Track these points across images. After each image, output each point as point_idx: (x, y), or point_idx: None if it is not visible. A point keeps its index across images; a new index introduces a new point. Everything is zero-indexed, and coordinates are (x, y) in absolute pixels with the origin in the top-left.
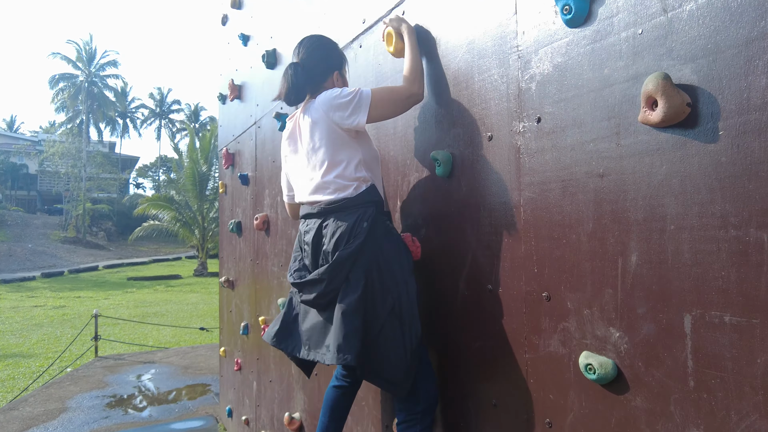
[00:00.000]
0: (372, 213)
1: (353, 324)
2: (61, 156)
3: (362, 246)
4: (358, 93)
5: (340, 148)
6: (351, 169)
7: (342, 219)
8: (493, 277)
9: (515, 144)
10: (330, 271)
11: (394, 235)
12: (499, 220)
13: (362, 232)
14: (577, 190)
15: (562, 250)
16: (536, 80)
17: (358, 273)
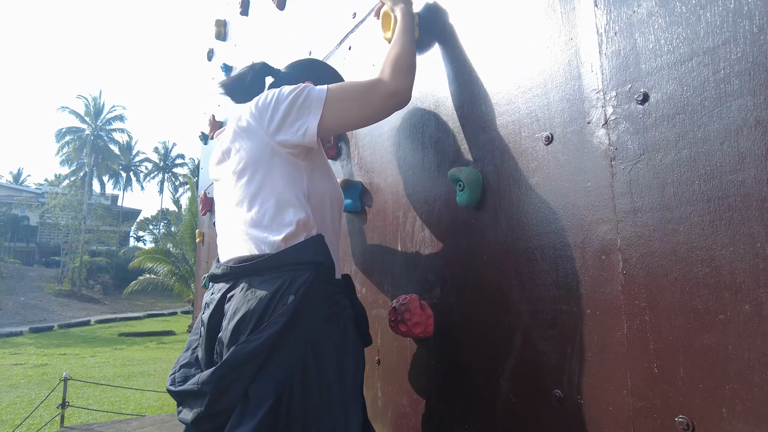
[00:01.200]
0: (306, 281)
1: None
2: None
3: (278, 338)
4: (304, 90)
5: (268, 177)
6: (281, 210)
7: (255, 288)
8: (566, 377)
9: (599, 143)
10: (216, 380)
11: (342, 321)
12: (572, 277)
13: (284, 314)
14: (744, 218)
15: (717, 335)
16: (637, 32)
17: (264, 386)
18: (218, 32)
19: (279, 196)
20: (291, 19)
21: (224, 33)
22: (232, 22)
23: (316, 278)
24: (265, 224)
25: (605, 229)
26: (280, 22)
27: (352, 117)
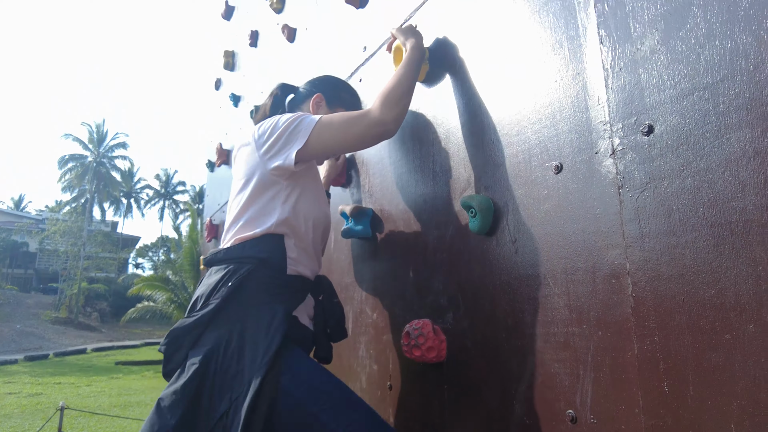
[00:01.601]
0: (244, 273)
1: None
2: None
3: (212, 317)
4: (297, 118)
5: (254, 191)
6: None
7: (210, 275)
8: (579, 397)
9: (607, 173)
10: (168, 343)
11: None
12: (585, 300)
13: (218, 297)
14: (746, 243)
15: (725, 355)
16: (641, 63)
17: (197, 352)
18: (226, 63)
19: (257, 208)
20: (301, 51)
21: (232, 63)
22: (241, 53)
23: (256, 271)
24: (238, 227)
25: (614, 254)
26: (289, 54)
27: (338, 144)
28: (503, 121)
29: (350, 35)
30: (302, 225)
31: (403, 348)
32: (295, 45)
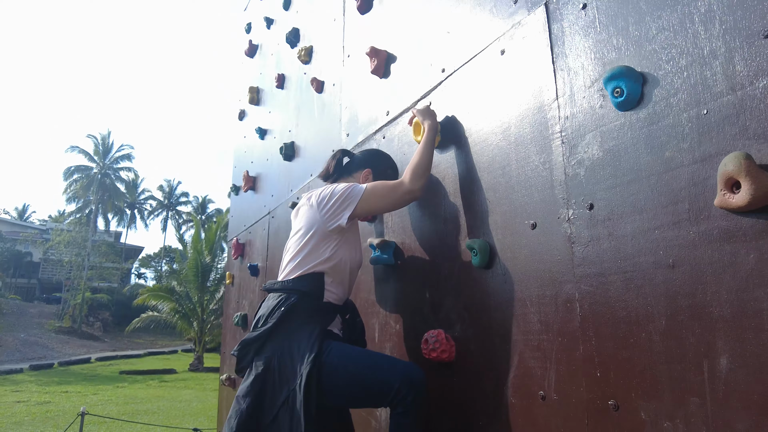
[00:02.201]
0: (293, 301)
1: (238, 407)
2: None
3: (271, 332)
4: (350, 188)
5: (312, 240)
6: (308, 260)
7: (270, 300)
8: (546, 382)
9: (565, 232)
10: (239, 350)
11: (309, 328)
12: (550, 317)
13: (274, 318)
14: (644, 282)
15: (630, 351)
16: (585, 165)
17: (261, 359)
18: (251, 98)
19: (308, 251)
20: (328, 103)
21: (257, 99)
22: (266, 91)
23: (300, 300)
24: (294, 265)
25: (569, 287)
26: (317, 103)
27: (379, 207)
28: (497, 186)
29: (375, 99)
30: (340, 266)
31: (422, 351)
32: (323, 96)
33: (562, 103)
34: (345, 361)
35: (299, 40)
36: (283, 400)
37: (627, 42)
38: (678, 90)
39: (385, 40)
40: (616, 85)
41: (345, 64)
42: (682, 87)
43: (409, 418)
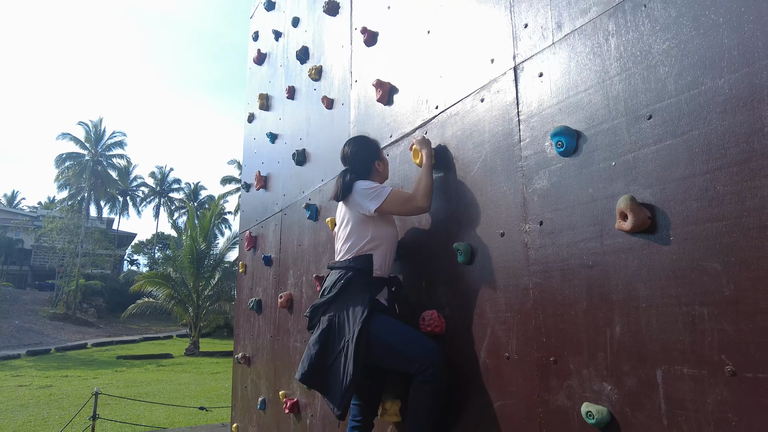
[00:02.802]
0: (349, 276)
1: (309, 353)
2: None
3: (334, 299)
4: (380, 188)
5: (354, 228)
6: (356, 244)
7: (332, 276)
8: (510, 347)
9: (523, 240)
10: (311, 312)
11: (362, 296)
12: (512, 300)
13: (335, 288)
14: (573, 277)
15: (565, 324)
16: (537, 193)
17: (326, 318)
18: (261, 104)
19: (357, 238)
20: (338, 118)
21: (267, 105)
22: (276, 98)
23: (355, 275)
24: (346, 248)
25: (525, 279)
26: (327, 119)
27: (396, 210)
28: (476, 203)
29: (379, 122)
30: (381, 243)
31: (420, 326)
32: (333, 112)
33: (524, 146)
34: (385, 333)
35: (309, 58)
36: (340, 348)
37: (567, 106)
38: (598, 147)
39: (388, 72)
40: (558, 139)
41: (353, 87)
42: (600, 145)
43: (426, 385)
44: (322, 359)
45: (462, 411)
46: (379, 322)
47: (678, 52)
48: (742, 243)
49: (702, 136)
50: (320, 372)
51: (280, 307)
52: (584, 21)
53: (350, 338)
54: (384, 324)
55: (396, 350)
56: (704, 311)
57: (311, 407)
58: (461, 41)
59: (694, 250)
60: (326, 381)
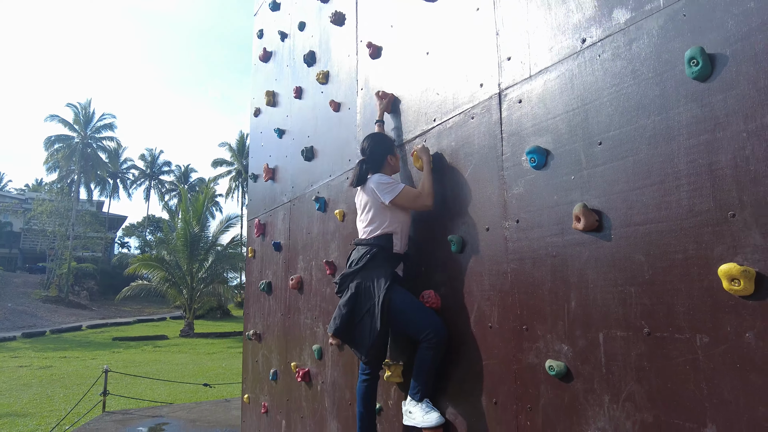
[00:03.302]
0: (374, 252)
1: (341, 312)
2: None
3: (360, 270)
4: (395, 183)
5: (376, 214)
6: (378, 227)
7: (359, 251)
8: (493, 318)
9: (504, 235)
10: (341, 280)
11: (385, 268)
12: (495, 282)
13: (362, 261)
14: (541, 264)
15: (534, 300)
16: (515, 198)
17: (354, 284)
18: (268, 101)
19: (379, 222)
20: (344, 120)
21: (273, 102)
22: (282, 95)
23: (379, 251)
24: (370, 229)
25: (504, 265)
26: (334, 119)
27: (406, 204)
28: (467, 203)
29: (385, 127)
30: (398, 227)
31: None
32: (340, 115)
33: (505, 159)
34: (402, 303)
35: (316, 62)
36: (366, 309)
37: (540, 129)
38: (562, 164)
39: (391, 84)
40: (532, 155)
41: (359, 93)
42: (563, 162)
43: (430, 351)
44: (351, 318)
45: (456, 369)
46: (398, 294)
47: (621, 95)
48: (658, 241)
49: (635, 161)
50: (349, 328)
51: (291, 289)
52: (555, 61)
53: (376, 302)
54: (402, 296)
55: (409, 318)
56: (632, 290)
57: (321, 375)
58: (456, 65)
59: (626, 246)
60: (354, 335)
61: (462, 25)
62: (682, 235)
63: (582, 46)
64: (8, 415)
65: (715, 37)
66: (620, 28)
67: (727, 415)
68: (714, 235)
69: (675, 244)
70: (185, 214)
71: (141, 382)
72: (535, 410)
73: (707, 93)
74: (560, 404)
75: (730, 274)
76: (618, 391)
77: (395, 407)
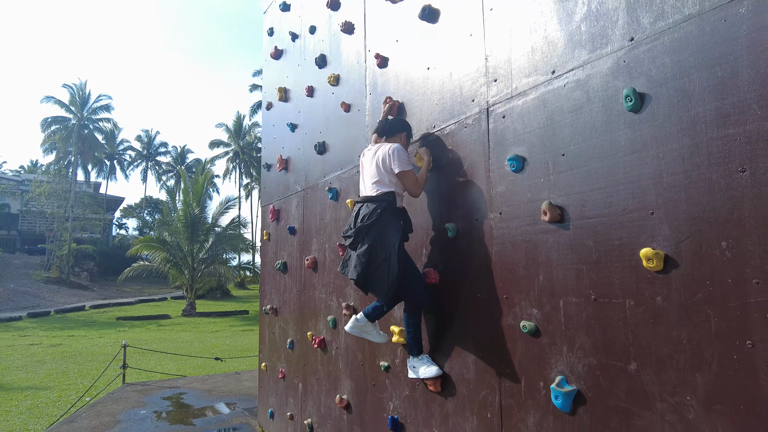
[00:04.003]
0: (384, 206)
1: (360, 261)
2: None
3: (373, 223)
4: (408, 162)
5: (384, 174)
6: (386, 185)
7: (368, 206)
8: (481, 290)
9: (490, 224)
10: (356, 233)
11: (394, 221)
12: (483, 262)
13: (375, 216)
14: (517, 248)
15: (512, 275)
16: (499, 194)
17: (369, 237)
18: (280, 96)
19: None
20: (354, 120)
21: (285, 97)
22: (294, 91)
23: (387, 206)
24: (376, 187)
25: (490, 248)
26: (344, 118)
27: (404, 182)
28: (460, 197)
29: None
30: (400, 189)
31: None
32: (350, 115)
33: (491, 163)
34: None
35: (327, 65)
36: (383, 258)
37: (518, 141)
38: (535, 170)
39: (397, 90)
40: (512, 162)
41: (367, 97)
42: (536, 168)
43: (408, 314)
44: (368, 265)
45: (451, 330)
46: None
47: (579, 118)
48: (602, 231)
49: (587, 170)
50: (367, 276)
51: (307, 268)
52: (531, 86)
53: (391, 251)
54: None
55: (404, 281)
56: (583, 267)
57: (336, 342)
58: (452, 81)
59: (580, 234)
60: (372, 282)
61: (458, 47)
62: (618, 227)
63: (552, 76)
64: (29, 388)
65: (644, 81)
66: (580, 65)
67: (643, 355)
68: (639, 228)
69: (613, 234)
70: (185, 196)
71: (151, 358)
72: (513, 360)
73: (638, 122)
74: (531, 354)
75: (647, 256)
76: (573, 343)
77: (401, 364)
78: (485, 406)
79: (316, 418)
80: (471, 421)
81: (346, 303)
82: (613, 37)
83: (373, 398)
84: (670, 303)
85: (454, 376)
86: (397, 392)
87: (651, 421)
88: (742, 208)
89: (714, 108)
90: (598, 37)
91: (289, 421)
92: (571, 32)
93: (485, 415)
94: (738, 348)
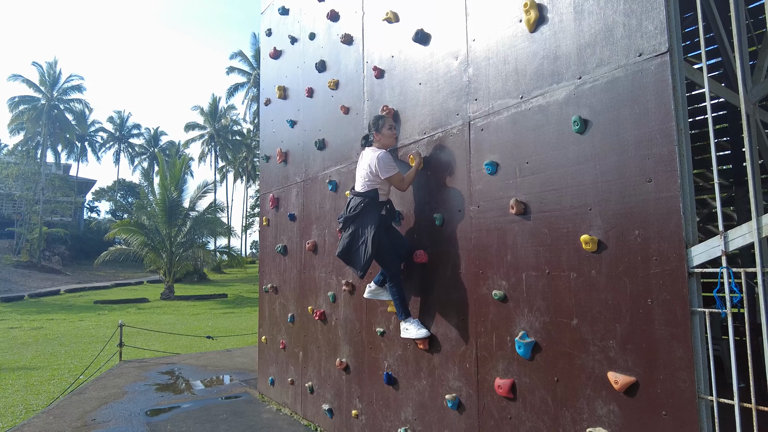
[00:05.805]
0: (367, 201)
1: (345, 242)
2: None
3: (357, 214)
4: (393, 167)
5: (369, 175)
6: (371, 184)
7: (355, 200)
8: (462, 267)
9: (470, 215)
10: (344, 220)
11: (375, 213)
12: (463, 244)
13: (359, 208)
14: (491, 234)
15: (487, 255)
16: (477, 191)
17: (353, 224)
18: (280, 94)
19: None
20: (353, 122)
21: (284, 95)
22: (292, 90)
23: (371, 200)
24: (365, 185)
25: (470, 234)
26: (343, 119)
27: (392, 183)
28: (446, 192)
29: None
30: (384, 186)
31: (414, 258)
32: (348, 117)
33: (471, 166)
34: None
35: (326, 70)
36: (362, 242)
37: (493, 149)
38: (505, 173)
39: (392, 99)
40: (487, 166)
41: (365, 103)
42: (506, 172)
43: (390, 284)
44: (350, 247)
45: (438, 300)
46: (382, 238)
47: (539, 136)
48: (555, 222)
49: (545, 175)
50: (350, 252)
51: (307, 250)
52: (504, 107)
53: (368, 236)
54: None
55: (381, 256)
56: (540, 249)
57: (335, 314)
58: (440, 95)
59: (538, 223)
60: (353, 258)
61: (445, 67)
62: (566, 219)
63: (520, 100)
64: (20, 368)
65: (587, 111)
66: (541, 93)
67: (583, 312)
68: (581, 219)
69: (562, 224)
70: (163, 179)
71: (138, 338)
72: (486, 321)
73: (582, 142)
74: (500, 316)
75: (586, 240)
76: (532, 306)
77: (395, 329)
78: (465, 358)
79: (316, 380)
80: (453, 371)
81: (345, 280)
82: (567, 74)
83: (370, 358)
84: (601, 275)
85: (439, 336)
86: (391, 352)
87: (586, 360)
88: (648, 208)
89: (634, 135)
90: (555, 74)
91: (289, 386)
92: (536, 67)
93: (465, 365)
94: (642, 305)
